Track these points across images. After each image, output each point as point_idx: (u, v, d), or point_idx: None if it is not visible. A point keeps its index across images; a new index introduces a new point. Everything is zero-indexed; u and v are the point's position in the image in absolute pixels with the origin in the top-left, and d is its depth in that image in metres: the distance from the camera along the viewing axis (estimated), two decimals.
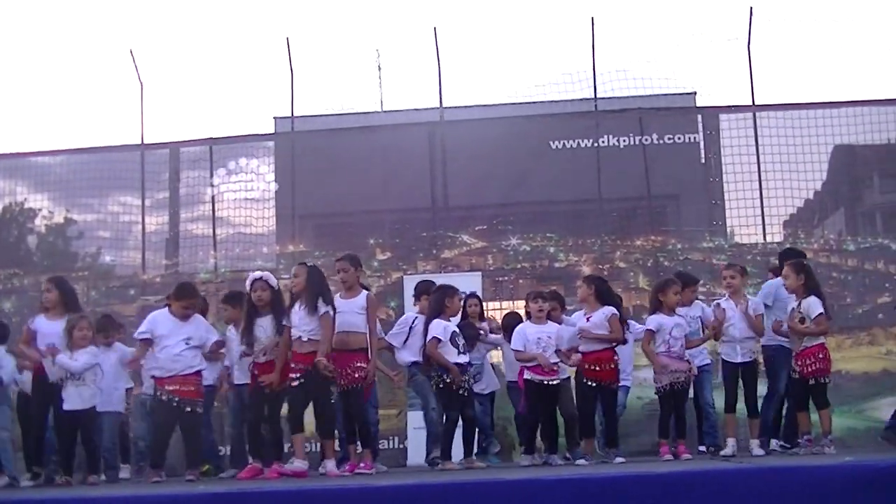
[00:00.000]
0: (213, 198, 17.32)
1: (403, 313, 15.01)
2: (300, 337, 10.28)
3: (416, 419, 14.31)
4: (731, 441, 11.44)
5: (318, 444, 10.80)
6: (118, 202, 17.86)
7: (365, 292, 10.75)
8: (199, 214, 17.43)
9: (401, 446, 15.21)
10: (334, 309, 10.44)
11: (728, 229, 16.60)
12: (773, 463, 8.39)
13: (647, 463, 10.55)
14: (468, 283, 14.51)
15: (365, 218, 17.05)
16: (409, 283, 15.58)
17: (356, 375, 10.39)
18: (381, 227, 17.21)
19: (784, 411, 11.86)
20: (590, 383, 11.19)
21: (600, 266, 16.09)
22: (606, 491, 7.11)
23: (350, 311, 10.53)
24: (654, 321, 11.16)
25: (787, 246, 14.06)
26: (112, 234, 17.72)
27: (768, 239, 16.38)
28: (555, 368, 11.25)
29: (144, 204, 17.45)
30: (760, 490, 6.91)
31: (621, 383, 11.79)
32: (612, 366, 11.17)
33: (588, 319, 11.25)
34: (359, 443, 10.74)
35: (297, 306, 10.47)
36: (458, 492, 7.23)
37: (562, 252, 16.49)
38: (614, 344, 11.15)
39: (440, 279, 15.12)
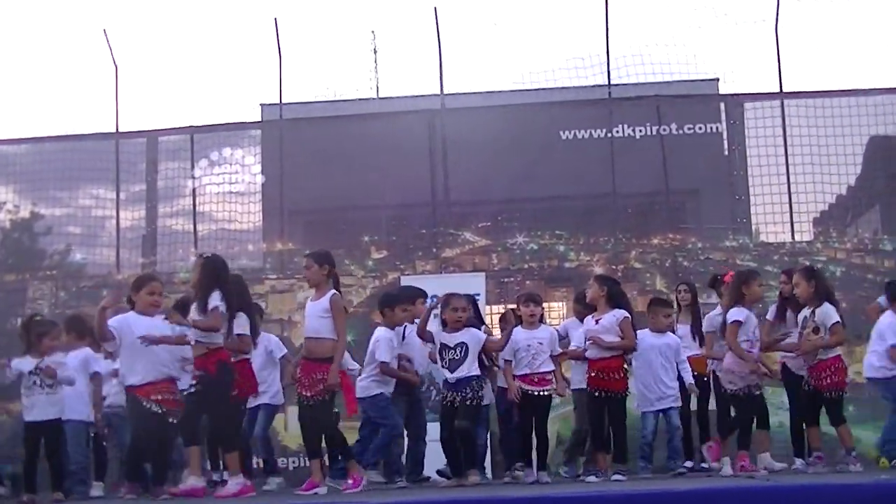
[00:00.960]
0: (193, 191, 17.31)
1: None
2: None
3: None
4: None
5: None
6: (90, 195, 17.84)
7: (330, 293, 10.34)
8: (179, 209, 17.42)
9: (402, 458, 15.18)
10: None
11: (753, 227, 16.59)
12: (803, 481, 8.36)
13: (663, 480, 10.53)
14: (470, 284, 14.49)
15: (359, 214, 17.05)
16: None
17: (319, 388, 10.09)
18: (377, 223, 17.19)
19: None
20: (596, 393, 11.16)
21: (614, 266, 16.06)
22: None
23: (313, 314, 10.30)
24: (741, 313, 11.17)
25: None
26: (83, 230, 17.70)
27: (797, 238, 16.35)
28: (547, 378, 11.27)
29: (119, 197, 17.40)
30: None
31: (671, 405, 11.75)
32: (621, 374, 11.11)
33: (597, 322, 11.17)
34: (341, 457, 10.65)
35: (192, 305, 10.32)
36: None
37: (572, 251, 16.45)
38: (623, 352, 11.11)
39: (440, 280, 15.17)
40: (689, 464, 11.79)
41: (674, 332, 12.22)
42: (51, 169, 17.71)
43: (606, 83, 16.97)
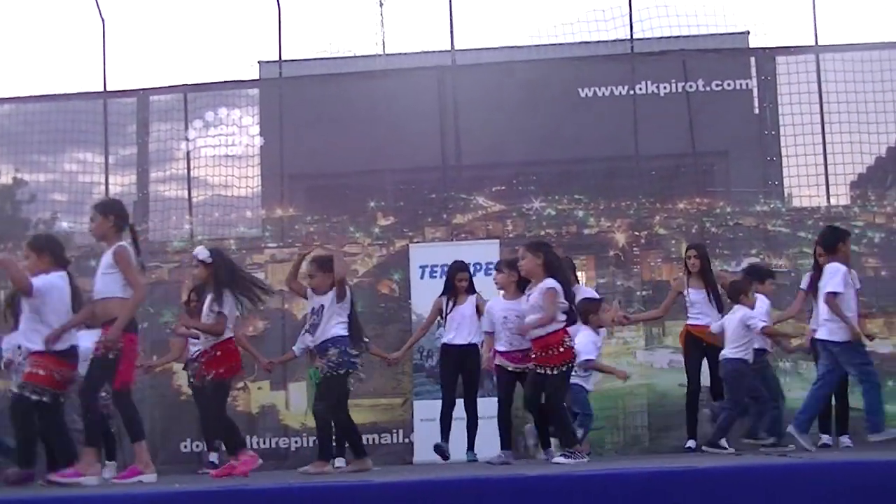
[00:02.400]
0: (188, 154, 17.34)
1: (409, 286, 15.13)
2: None
3: (423, 409, 14.43)
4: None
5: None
6: (76, 160, 17.86)
7: (116, 245, 10.31)
8: (172, 173, 17.44)
9: (406, 441, 15.34)
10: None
11: (786, 190, 16.58)
12: (821, 457, 8.46)
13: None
14: (484, 252, 14.61)
15: (364, 178, 17.08)
16: (416, 253, 15.66)
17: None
18: (383, 188, 17.23)
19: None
20: (538, 371, 11.22)
21: (637, 233, 16.12)
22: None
23: (98, 273, 10.41)
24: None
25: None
26: (69, 197, 17.69)
27: (832, 202, 16.38)
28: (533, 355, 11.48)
29: (108, 161, 17.45)
30: (819, 489, 6.99)
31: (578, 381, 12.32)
32: (562, 348, 11.07)
33: (528, 299, 11.37)
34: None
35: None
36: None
37: (592, 217, 16.48)
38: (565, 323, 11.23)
39: (452, 248, 15.30)
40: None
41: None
42: (34, 131, 17.74)
43: (629, 37, 17.00)
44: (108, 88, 17.54)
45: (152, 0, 18.24)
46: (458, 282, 13.51)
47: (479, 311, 13.27)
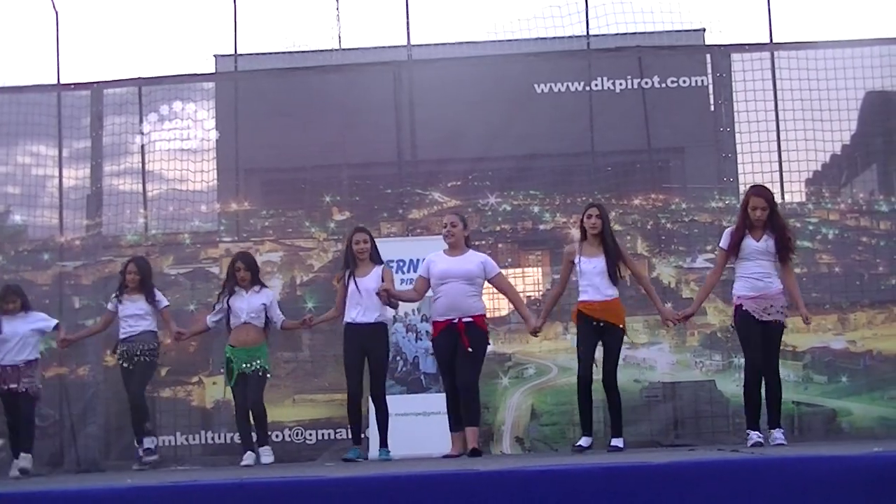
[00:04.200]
0: (142, 148, 17.24)
1: None
2: None
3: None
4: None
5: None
6: (29, 152, 17.74)
7: None
8: (127, 167, 17.34)
9: (361, 436, 15.30)
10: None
11: (741, 187, 16.53)
12: (778, 454, 8.47)
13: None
14: (439, 247, 14.60)
15: (320, 172, 17.03)
16: None
17: None
18: (339, 183, 17.16)
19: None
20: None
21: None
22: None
23: None
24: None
25: None
26: (22, 191, 17.57)
27: (787, 199, 16.43)
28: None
29: (62, 155, 17.33)
30: (776, 483, 6.98)
31: None
32: None
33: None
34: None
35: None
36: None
37: (548, 212, 16.49)
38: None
39: (407, 243, 15.28)
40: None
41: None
42: None
43: (585, 33, 17.02)
44: (62, 81, 17.42)
45: None
46: (354, 246, 12.82)
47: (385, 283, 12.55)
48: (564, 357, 15.11)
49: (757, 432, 11.43)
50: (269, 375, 13.71)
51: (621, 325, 12.17)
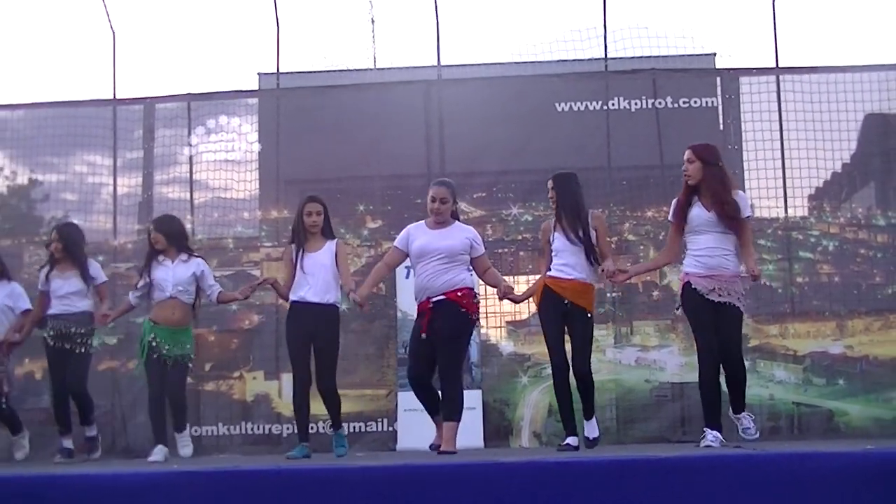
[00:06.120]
0: (190, 159, 17.32)
1: (395, 285, 15.10)
2: None
3: (406, 400, 14.41)
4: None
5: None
6: (85, 162, 17.84)
7: None
8: (175, 176, 17.42)
9: (390, 429, 15.35)
10: None
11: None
12: (778, 450, 8.49)
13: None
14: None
15: (354, 183, 17.06)
16: None
17: None
18: (372, 193, 17.19)
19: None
20: None
21: (608, 238, 16.14)
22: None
23: None
24: None
25: None
26: (79, 197, 17.66)
27: (790, 213, 16.42)
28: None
29: (116, 164, 17.44)
30: (776, 476, 7.00)
31: None
32: None
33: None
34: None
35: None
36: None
37: None
38: None
39: None
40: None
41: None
42: (47, 135, 17.71)
43: (603, 56, 17.04)
44: (118, 96, 17.54)
45: (160, 14, 18.18)
46: (306, 217, 11.15)
47: (339, 260, 11.13)
48: None
49: (715, 432, 9.66)
50: (190, 365, 11.88)
51: (590, 312, 10.68)
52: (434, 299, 10.15)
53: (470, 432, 12.61)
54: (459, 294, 10.21)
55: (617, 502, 6.96)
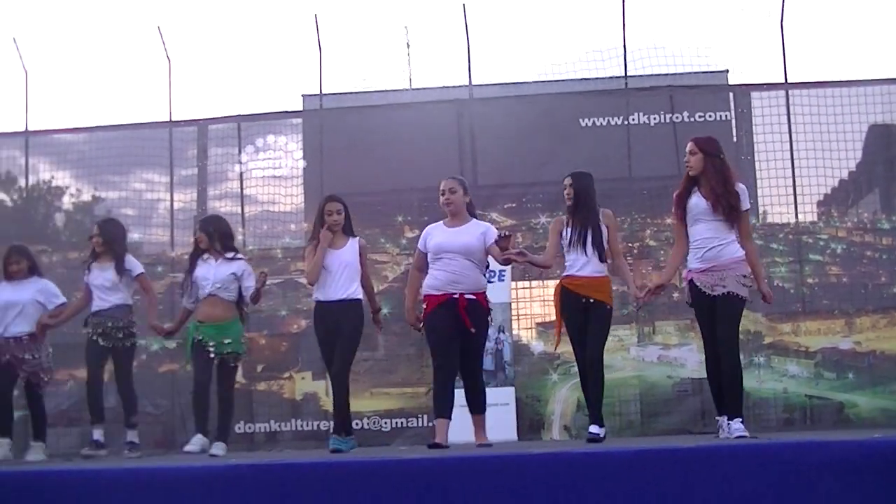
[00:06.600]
0: (240, 175, 17.48)
1: None
2: None
3: None
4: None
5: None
6: (143, 179, 18.01)
7: None
8: (227, 191, 17.58)
9: (429, 424, 15.39)
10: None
11: (760, 209, 16.63)
12: (792, 439, 8.47)
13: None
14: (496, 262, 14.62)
15: (393, 196, 17.14)
16: None
17: None
18: (409, 204, 17.27)
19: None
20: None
21: (630, 244, 16.20)
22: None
23: None
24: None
25: None
26: (137, 212, 17.86)
27: (800, 219, 16.43)
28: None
29: (172, 181, 17.59)
30: (790, 463, 7.01)
31: None
32: None
33: None
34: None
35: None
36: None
37: None
38: None
39: None
40: None
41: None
42: (108, 155, 17.95)
43: (623, 74, 17.10)
44: (173, 119, 17.73)
45: (211, 42, 18.33)
46: (327, 217, 10.50)
47: (362, 258, 10.41)
48: (607, 357, 15.09)
49: (724, 417, 9.12)
50: (239, 361, 10.99)
51: (609, 304, 10.05)
52: (467, 296, 9.61)
53: (504, 426, 12.67)
54: (485, 297, 9.81)
55: (642, 489, 6.97)
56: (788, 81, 16.73)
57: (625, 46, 17.03)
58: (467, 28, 17.10)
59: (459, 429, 9.76)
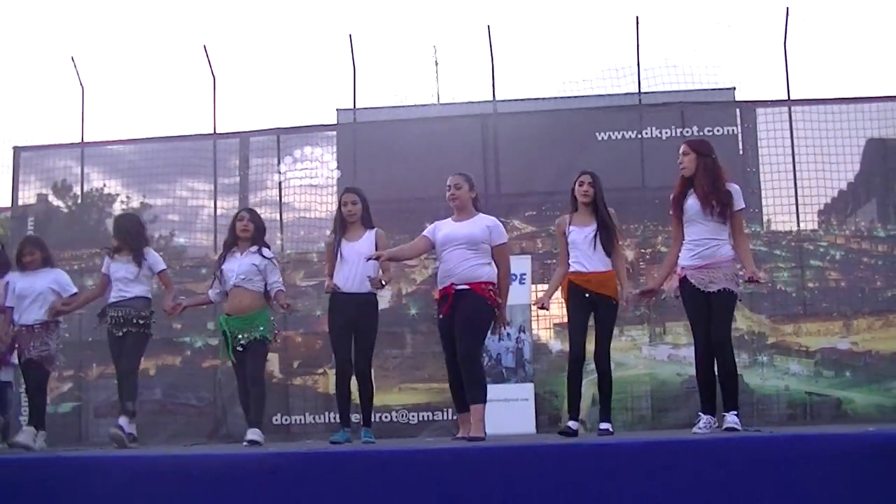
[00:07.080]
0: (279, 184, 17.53)
1: None
2: None
3: None
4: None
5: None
6: (188, 188, 18.09)
7: None
8: (266, 199, 17.62)
9: (454, 418, 15.41)
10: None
11: (764, 217, 16.62)
12: (793, 432, 8.47)
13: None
14: (518, 265, 14.63)
15: (421, 204, 17.14)
16: None
17: None
18: (436, 212, 17.15)
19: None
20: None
21: (643, 250, 16.20)
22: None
23: None
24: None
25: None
26: (182, 218, 17.95)
27: (802, 227, 16.41)
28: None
29: (216, 189, 17.69)
30: (790, 455, 7.02)
31: None
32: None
33: None
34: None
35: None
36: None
37: None
38: None
39: None
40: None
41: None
42: (155, 165, 18.06)
43: (637, 91, 17.11)
44: (217, 131, 17.82)
45: (253, 60, 18.36)
46: (343, 207, 10.29)
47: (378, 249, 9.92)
48: (620, 356, 15.13)
49: (708, 416, 9.11)
50: (268, 345, 10.55)
51: (615, 300, 9.80)
52: (458, 287, 9.21)
53: (523, 420, 12.70)
54: (483, 286, 9.26)
55: (652, 479, 7.00)
56: (791, 98, 16.74)
57: (639, 65, 17.05)
58: (491, 47, 17.12)
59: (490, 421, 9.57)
